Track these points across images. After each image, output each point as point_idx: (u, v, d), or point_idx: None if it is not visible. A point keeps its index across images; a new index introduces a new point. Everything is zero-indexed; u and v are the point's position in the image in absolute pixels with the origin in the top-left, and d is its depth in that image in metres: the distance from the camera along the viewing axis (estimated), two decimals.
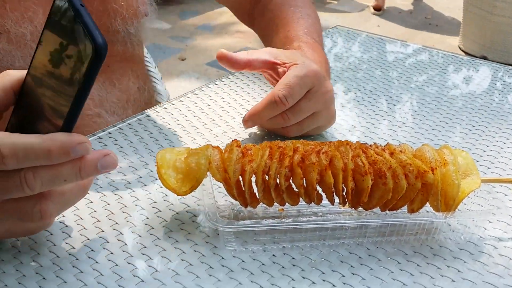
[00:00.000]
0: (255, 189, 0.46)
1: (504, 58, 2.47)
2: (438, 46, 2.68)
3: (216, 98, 0.69)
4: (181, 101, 0.68)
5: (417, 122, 0.66)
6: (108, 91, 0.64)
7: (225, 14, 2.98)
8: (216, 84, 0.72)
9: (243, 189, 0.46)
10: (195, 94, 0.69)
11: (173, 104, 0.67)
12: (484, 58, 2.54)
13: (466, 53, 2.59)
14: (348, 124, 0.65)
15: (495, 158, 0.60)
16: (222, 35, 2.69)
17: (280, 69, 0.57)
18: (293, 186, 0.47)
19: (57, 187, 0.40)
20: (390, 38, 0.90)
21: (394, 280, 0.44)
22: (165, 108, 0.66)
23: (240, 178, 0.46)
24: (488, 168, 0.58)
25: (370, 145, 0.47)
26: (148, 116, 0.64)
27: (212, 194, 0.46)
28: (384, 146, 0.48)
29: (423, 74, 0.78)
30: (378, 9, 3.04)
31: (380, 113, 0.67)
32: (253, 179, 0.46)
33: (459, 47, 2.67)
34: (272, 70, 0.57)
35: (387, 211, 0.48)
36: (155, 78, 0.80)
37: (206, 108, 0.66)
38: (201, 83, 0.75)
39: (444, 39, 2.75)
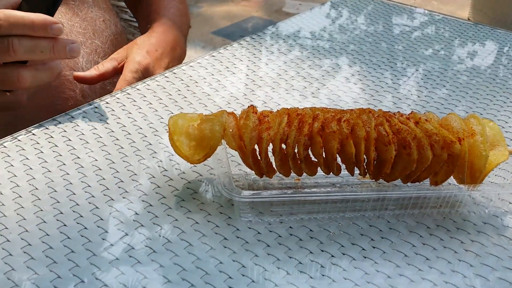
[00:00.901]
0: (272, 158, 0.44)
1: None
2: None
3: (227, 64, 0.66)
4: (191, 66, 0.65)
5: (420, 96, 0.63)
6: (72, 20, 0.64)
7: None
8: (227, 49, 0.69)
9: (259, 158, 0.44)
10: (206, 59, 0.66)
11: (182, 70, 0.64)
12: None
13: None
14: (351, 97, 0.62)
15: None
16: (227, 3, 2.63)
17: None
18: (311, 155, 0.44)
19: (35, 57, 0.50)
20: (398, 3, 0.86)
21: (417, 254, 0.42)
22: (174, 73, 0.63)
23: (256, 146, 0.44)
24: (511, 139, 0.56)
25: (394, 113, 0.45)
26: (156, 81, 0.61)
27: (227, 163, 0.44)
28: (409, 114, 0.45)
29: (428, 48, 0.74)
30: None
31: (384, 87, 0.65)
32: (270, 147, 0.44)
33: (469, 19, 2.61)
34: (122, 71, 0.63)
35: (409, 183, 0.45)
36: (124, 14, 0.83)
37: (216, 74, 0.64)
38: (206, 52, 0.72)
39: (453, 11, 2.68)
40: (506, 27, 2.88)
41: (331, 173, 0.45)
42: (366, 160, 0.44)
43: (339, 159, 0.44)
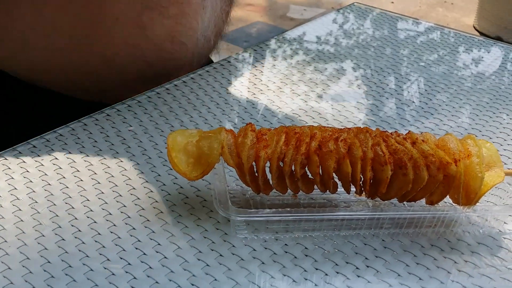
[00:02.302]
0: (269, 175, 0.45)
1: None
2: (453, 25, 2.61)
3: (228, 76, 0.66)
4: (192, 78, 0.65)
5: (426, 101, 0.64)
6: None
7: None
8: (228, 62, 0.70)
9: (256, 175, 0.44)
10: (207, 71, 0.67)
11: (183, 82, 0.64)
12: (499, 38, 2.47)
13: (481, 33, 2.53)
14: (355, 101, 0.63)
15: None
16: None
17: None
18: (308, 173, 0.45)
19: None
20: (402, 15, 0.87)
21: (410, 274, 0.42)
22: (175, 85, 0.64)
23: (254, 163, 0.44)
24: (509, 158, 0.56)
25: (391, 133, 0.45)
26: (158, 93, 0.62)
27: (224, 179, 0.44)
28: (406, 134, 0.45)
29: (434, 53, 0.75)
30: None
31: (389, 91, 0.65)
32: (267, 164, 0.44)
33: (474, 27, 2.61)
34: None
35: (405, 202, 0.46)
36: None
37: (218, 87, 0.64)
38: (212, 58, 0.73)
39: (459, 18, 2.68)
40: (511, 35, 2.85)
41: (328, 191, 0.45)
42: (362, 179, 0.44)
43: (336, 177, 0.45)
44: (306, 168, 0.44)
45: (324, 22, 0.83)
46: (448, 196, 0.46)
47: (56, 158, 0.51)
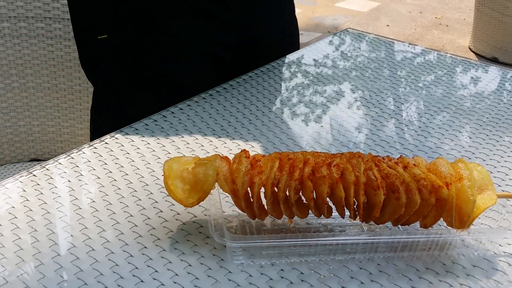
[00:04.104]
0: (264, 201, 0.45)
1: None
2: (448, 46, 2.64)
3: (224, 103, 0.68)
4: (188, 105, 0.67)
5: (424, 122, 0.65)
6: None
7: None
8: (225, 89, 0.71)
9: (252, 200, 0.45)
10: (203, 98, 0.68)
11: (180, 109, 0.66)
12: (495, 59, 2.50)
13: (477, 54, 2.56)
14: (355, 123, 0.64)
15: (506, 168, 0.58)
16: None
17: None
18: (303, 198, 0.45)
19: None
20: (398, 40, 0.89)
21: None
22: (172, 112, 0.65)
23: (249, 189, 0.45)
24: (503, 180, 0.57)
25: (383, 158, 0.46)
26: (155, 121, 0.63)
27: (220, 205, 0.45)
28: (397, 159, 0.46)
29: (431, 74, 0.76)
30: None
31: (387, 111, 0.66)
32: (262, 190, 0.45)
33: (470, 48, 2.64)
34: None
35: (399, 226, 0.46)
36: None
37: (214, 113, 0.65)
38: None
39: (454, 40, 2.71)
40: (507, 56, 2.87)
41: (322, 215, 0.46)
42: (356, 203, 0.45)
43: (330, 202, 0.45)
44: (301, 193, 0.45)
45: (318, 48, 0.85)
46: (442, 220, 0.46)
47: (56, 187, 0.52)
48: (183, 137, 0.61)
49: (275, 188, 0.44)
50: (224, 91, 0.70)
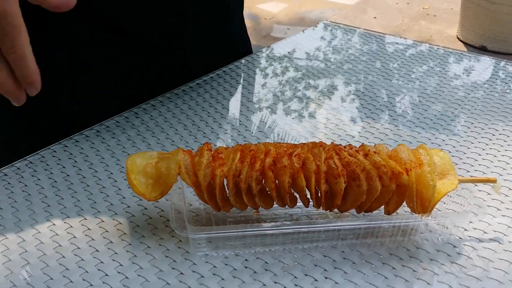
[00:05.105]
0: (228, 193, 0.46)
1: (503, 48, 2.44)
2: (436, 36, 2.65)
3: (197, 99, 0.68)
4: (160, 101, 0.67)
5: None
6: None
7: None
8: (197, 84, 0.71)
9: (215, 193, 0.45)
10: (176, 94, 0.69)
11: (152, 105, 0.66)
12: (483, 48, 2.51)
13: (465, 43, 2.56)
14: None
15: (494, 156, 0.59)
16: None
17: None
18: (267, 189, 0.46)
19: None
20: (385, 34, 0.89)
21: (368, 283, 0.43)
22: (144, 109, 0.65)
23: (212, 182, 0.45)
24: (488, 167, 0.57)
25: (345, 146, 0.47)
26: (126, 117, 0.63)
27: (183, 198, 0.45)
28: (359, 147, 0.47)
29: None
30: None
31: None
32: (226, 182, 0.45)
33: (458, 37, 2.65)
34: None
35: (363, 213, 0.47)
36: None
37: (186, 108, 0.66)
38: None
39: (442, 30, 2.72)
40: (495, 44, 2.88)
41: (286, 205, 0.46)
42: (318, 192, 0.45)
43: (296, 193, 0.46)
44: (264, 184, 0.45)
45: (293, 41, 0.85)
46: (407, 206, 0.47)
47: (25, 185, 0.52)
48: (154, 133, 0.61)
49: (237, 180, 0.45)
50: (196, 86, 0.71)
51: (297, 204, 0.46)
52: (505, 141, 0.61)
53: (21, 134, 0.64)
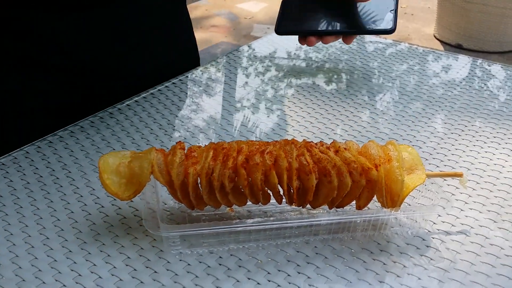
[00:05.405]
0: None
1: (478, 46, 2.49)
2: (414, 35, 2.68)
3: (173, 98, 0.68)
4: (136, 101, 0.67)
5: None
6: None
7: (199, 8, 2.96)
8: (173, 83, 0.71)
9: (188, 191, 0.46)
10: (151, 94, 0.69)
11: (127, 105, 0.66)
12: (459, 46, 2.55)
13: (442, 42, 2.61)
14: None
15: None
16: (196, 30, 2.67)
17: None
18: (241, 187, 0.46)
19: None
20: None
21: (339, 277, 0.44)
22: (119, 109, 0.65)
23: (186, 181, 0.45)
24: (457, 163, 0.58)
25: (316, 143, 0.47)
26: (101, 118, 0.63)
27: (156, 197, 0.46)
28: (330, 144, 0.47)
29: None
30: None
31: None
32: (199, 181, 0.46)
33: (435, 36, 2.69)
34: None
35: (335, 209, 0.48)
36: None
37: (162, 108, 0.66)
38: None
39: (419, 28, 2.76)
40: (470, 42, 2.92)
41: (260, 202, 0.47)
42: (291, 188, 0.46)
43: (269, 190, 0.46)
44: (237, 182, 0.46)
45: (268, 40, 0.86)
46: (379, 201, 0.48)
47: None
48: (128, 133, 0.61)
49: (211, 178, 0.45)
50: (173, 86, 0.71)
51: (270, 201, 0.47)
52: (473, 136, 0.62)
53: None
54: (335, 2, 0.68)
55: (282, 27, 0.66)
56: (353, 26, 0.66)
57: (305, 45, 0.66)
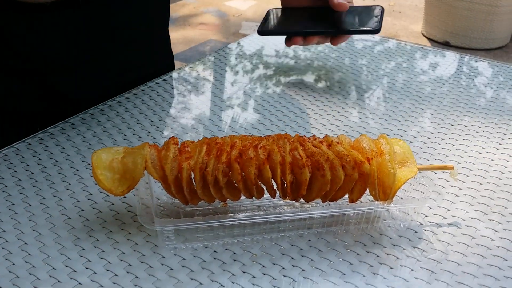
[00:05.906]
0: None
1: (466, 43, 2.52)
2: (402, 32, 2.70)
3: (164, 95, 0.68)
4: (127, 98, 0.67)
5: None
6: None
7: (187, 6, 2.95)
8: (164, 80, 0.71)
9: (182, 186, 0.46)
10: (142, 91, 0.68)
11: (118, 102, 0.66)
12: (447, 43, 2.58)
13: (429, 39, 2.63)
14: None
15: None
16: (184, 28, 2.66)
17: None
18: (234, 181, 0.46)
19: None
20: None
21: (334, 270, 0.44)
22: (109, 106, 0.65)
23: (180, 176, 0.45)
24: (447, 156, 0.59)
25: (309, 138, 0.48)
26: (92, 114, 0.63)
27: (150, 192, 0.46)
28: (322, 138, 0.48)
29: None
30: None
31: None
32: (193, 176, 0.46)
33: (422, 33, 2.71)
34: None
35: (329, 202, 0.48)
36: None
37: (153, 105, 0.66)
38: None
39: (407, 26, 2.78)
40: (458, 39, 2.95)
41: (254, 197, 0.47)
42: (284, 182, 0.46)
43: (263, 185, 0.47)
44: (231, 176, 0.46)
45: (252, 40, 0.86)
46: (371, 195, 0.48)
47: None
48: (120, 129, 0.61)
49: (204, 172, 0.45)
50: (163, 82, 0.71)
51: (264, 195, 0.47)
52: (462, 131, 0.63)
53: None
54: (319, 8, 0.68)
55: (265, 27, 0.67)
56: (336, 26, 0.66)
57: (290, 46, 0.67)
